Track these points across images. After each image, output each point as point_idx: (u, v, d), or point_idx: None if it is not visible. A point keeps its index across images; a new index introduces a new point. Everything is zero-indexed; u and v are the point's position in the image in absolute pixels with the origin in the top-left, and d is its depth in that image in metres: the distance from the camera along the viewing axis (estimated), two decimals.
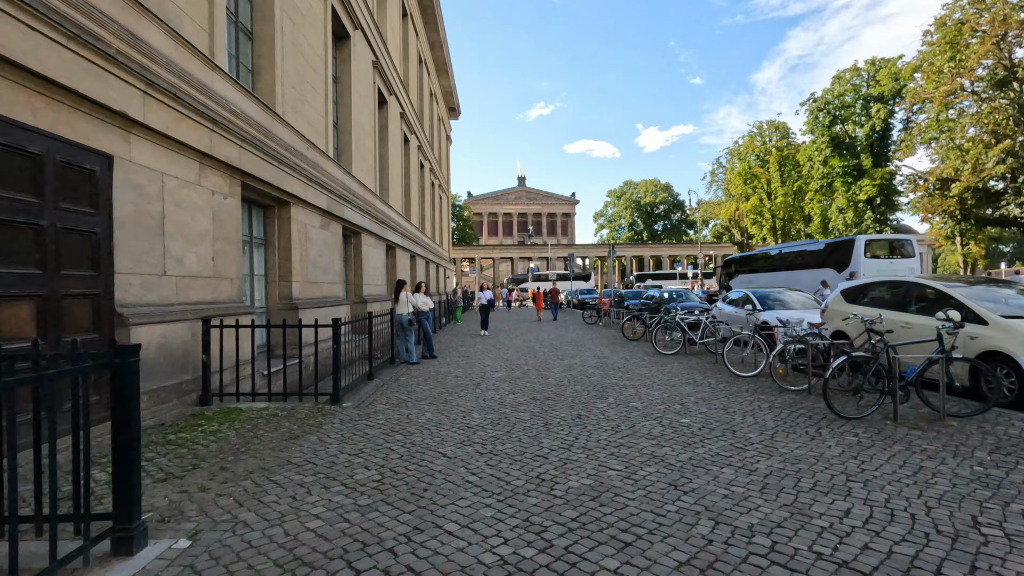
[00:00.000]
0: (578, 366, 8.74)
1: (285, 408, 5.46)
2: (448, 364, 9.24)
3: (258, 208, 8.05)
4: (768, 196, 45.61)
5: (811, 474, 3.51)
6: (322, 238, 9.81)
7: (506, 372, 8.21)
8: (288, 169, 8.03)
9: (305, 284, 8.87)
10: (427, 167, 26.43)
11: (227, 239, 6.40)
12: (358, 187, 12.44)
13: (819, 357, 6.19)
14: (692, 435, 4.45)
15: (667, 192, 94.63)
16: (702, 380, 7.24)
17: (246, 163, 6.72)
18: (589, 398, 6.12)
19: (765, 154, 45.66)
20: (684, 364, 8.84)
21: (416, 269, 21.23)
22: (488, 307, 16.35)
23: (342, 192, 10.74)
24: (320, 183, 9.43)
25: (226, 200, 6.39)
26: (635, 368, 8.47)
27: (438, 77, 31.96)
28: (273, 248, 8.27)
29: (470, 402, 5.95)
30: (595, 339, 13.33)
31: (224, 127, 6.13)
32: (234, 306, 6.44)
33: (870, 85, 34.76)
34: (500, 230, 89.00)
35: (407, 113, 20.02)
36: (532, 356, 10.14)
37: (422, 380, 7.54)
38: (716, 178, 52.58)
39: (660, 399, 6.01)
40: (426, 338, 10.30)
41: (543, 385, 7.03)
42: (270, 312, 8.25)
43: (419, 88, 24.48)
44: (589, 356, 10.04)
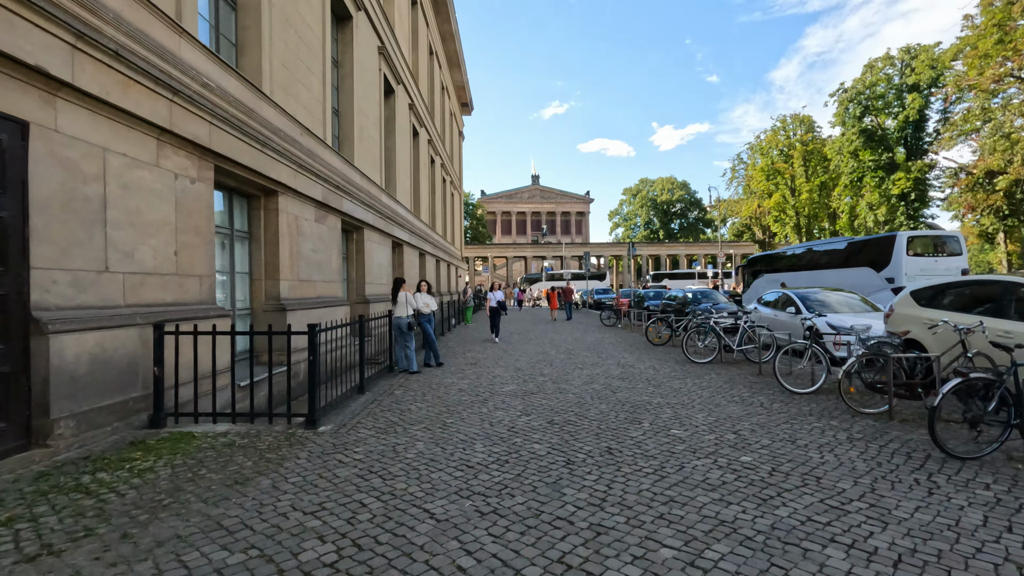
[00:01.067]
0: (601, 377, 7.72)
1: (250, 433, 4.51)
2: (453, 373, 8.32)
3: (240, 197, 7.16)
4: (792, 192, 43.89)
5: (962, 565, 2.45)
6: (317, 232, 8.90)
7: (518, 385, 7.25)
8: (274, 154, 7.12)
9: (296, 283, 7.97)
10: (438, 162, 25.54)
11: (195, 230, 5.49)
12: (360, 179, 11.54)
13: (901, 374, 5.07)
14: (763, 483, 3.39)
15: (684, 190, 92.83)
16: (750, 397, 6.16)
17: (220, 144, 5.81)
18: (619, 422, 5.09)
19: (789, 149, 43.95)
20: (723, 376, 7.76)
21: (426, 267, 20.33)
22: (499, 310, 14.07)
23: (341, 183, 9.83)
24: (314, 172, 8.52)
25: (194, 185, 5.49)
26: (666, 380, 7.42)
27: (450, 71, 31.06)
28: (258, 242, 7.37)
29: (473, 427, 5.00)
30: (616, 343, 12.26)
31: (189, 99, 5.22)
32: (204, 308, 5.53)
33: (904, 74, 32.96)
34: (514, 229, 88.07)
35: (416, 105, 19.11)
36: (548, 364, 9.14)
37: (420, 394, 6.65)
38: (736, 174, 50.94)
39: (706, 424, 4.95)
40: (429, 344, 9.35)
41: (562, 403, 6.03)
42: (255, 315, 7.36)
43: (429, 80, 23.58)
44: (612, 364, 9.01)
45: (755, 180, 45.33)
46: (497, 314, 14.01)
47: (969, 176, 25.08)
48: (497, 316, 13.99)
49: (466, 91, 36.06)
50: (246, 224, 7.32)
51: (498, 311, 14.02)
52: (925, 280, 18.07)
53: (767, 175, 43.95)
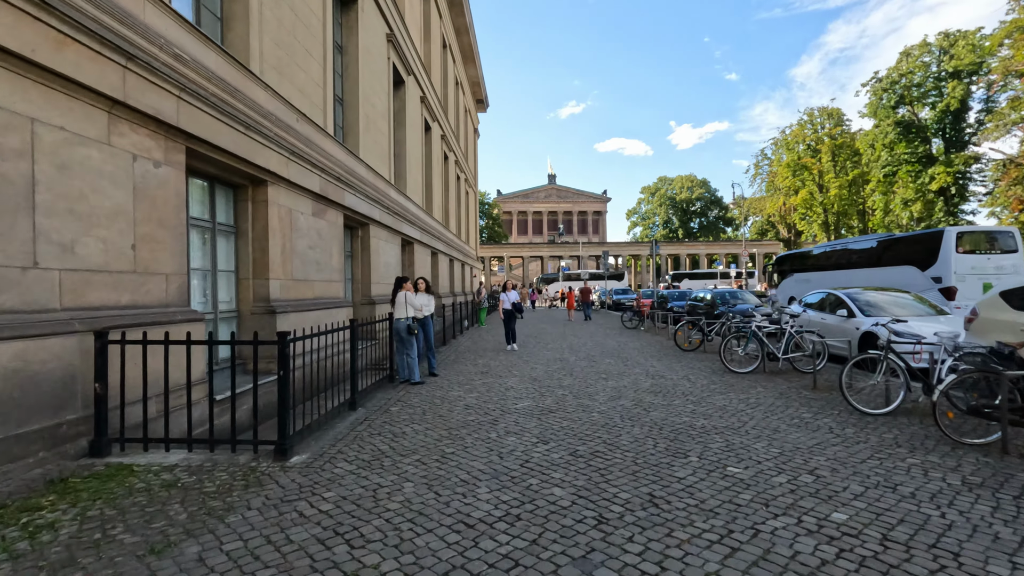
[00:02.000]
0: (629, 390, 6.79)
1: (203, 467, 3.68)
2: (460, 385, 7.45)
3: (224, 187, 6.40)
4: (820, 189, 42.16)
5: None
6: (315, 228, 8.13)
7: (534, 400, 6.37)
8: (262, 139, 6.35)
9: (289, 282, 7.20)
10: (452, 159, 24.79)
11: (160, 221, 4.72)
12: (366, 172, 10.77)
13: (1017, 396, 4.05)
14: (880, 565, 2.43)
15: (704, 188, 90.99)
16: (813, 420, 5.15)
17: (193, 123, 5.04)
18: (659, 454, 4.16)
19: (817, 143, 42.22)
20: (771, 389, 6.74)
21: (439, 267, 19.57)
22: (514, 312, 12.15)
23: (342, 175, 9.05)
24: (311, 161, 7.74)
25: (159, 169, 4.72)
26: (706, 395, 6.44)
27: (464, 66, 30.30)
28: (245, 238, 6.61)
29: (478, 459, 4.11)
30: (641, 348, 11.27)
31: (150, 68, 4.45)
32: (171, 312, 4.76)
33: (942, 61, 31.13)
34: (530, 229, 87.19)
35: (428, 98, 18.35)
36: (567, 373, 8.22)
37: (420, 412, 5.77)
38: (760, 171, 49.25)
39: (770, 459, 3.98)
40: (430, 348, 8.48)
41: (586, 425, 5.12)
42: (241, 318, 6.60)
43: (443, 74, 22.83)
44: (640, 373, 8.05)
45: (780, 176, 43.68)
46: (512, 318, 12.12)
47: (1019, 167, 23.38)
48: (512, 320, 12.10)
49: (481, 87, 35.29)
50: (231, 217, 6.57)
51: (513, 314, 12.11)
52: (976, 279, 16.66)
53: (793, 171, 42.28)
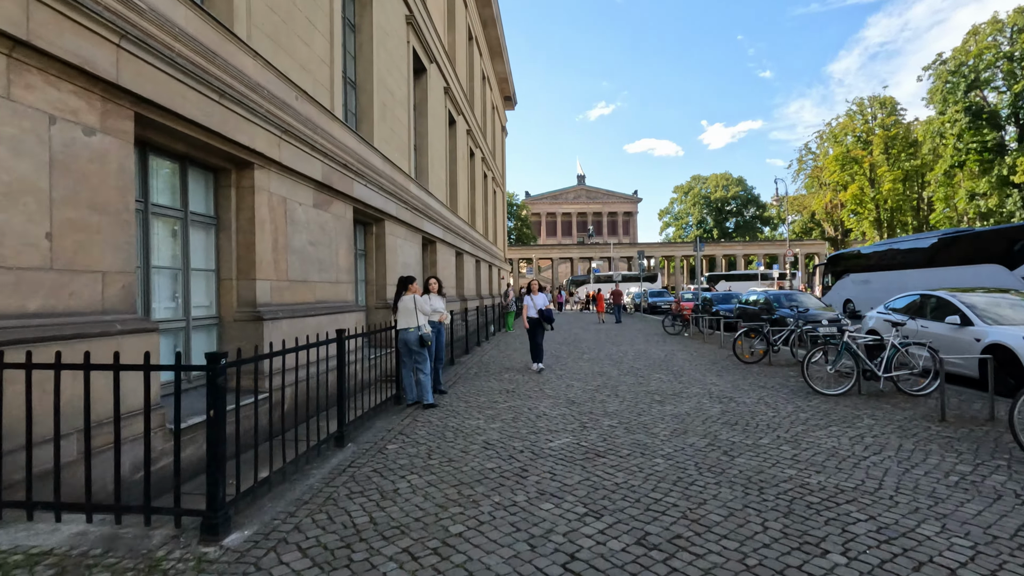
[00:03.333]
0: (695, 420, 5.38)
1: (92, 552, 2.53)
2: (479, 408, 6.15)
3: (199, 169, 5.38)
4: (871, 183, 39.31)
5: None
6: (317, 221, 7.09)
7: (574, 434, 5.01)
8: (245, 112, 5.31)
9: (282, 284, 6.15)
10: (478, 156, 23.75)
11: (94, 205, 3.68)
12: (381, 163, 9.73)
13: None
14: None
15: (740, 186, 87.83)
16: (980, 479, 3.61)
17: (144, 83, 4.00)
18: (778, 548, 2.69)
19: (868, 134, 39.42)
20: (885, 422, 5.15)
21: (464, 268, 18.49)
22: (541, 322, 9.14)
23: (351, 163, 8.01)
24: (311, 144, 6.70)
25: (92, 138, 3.68)
26: (802, 430, 4.91)
27: (491, 60, 29.28)
28: (228, 231, 5.58)
29: (497, 553, 2.68)
30: (691, 359, 9.81)
31: (68, 1, 3.42)
32: (108, 321, 3.70)
33: (1016, 40, 28.22)
34: (559, 230, 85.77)
35: (452, 89, 17.31)
36: (612, 393, 6.86)
37: (425, 453, 4.46)
38: (804, 166, 46.50)
39: (960, 560, 2.54)
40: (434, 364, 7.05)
41: (651, 482, 3.69)
42: (223, 326, 5.57)
43: (468, 67, 21.81)
44: (700, 394, 6.66)
45: (827, 170, 40.98)
46: (539, 329, 9.09)
47: None
48: (539, 333, 9.08)
49: (509, 84, 34.22)
50: (211, 206, 5.54)
51: (540, 325, 9.06)
52: None
53: (841, 164, 39.56)
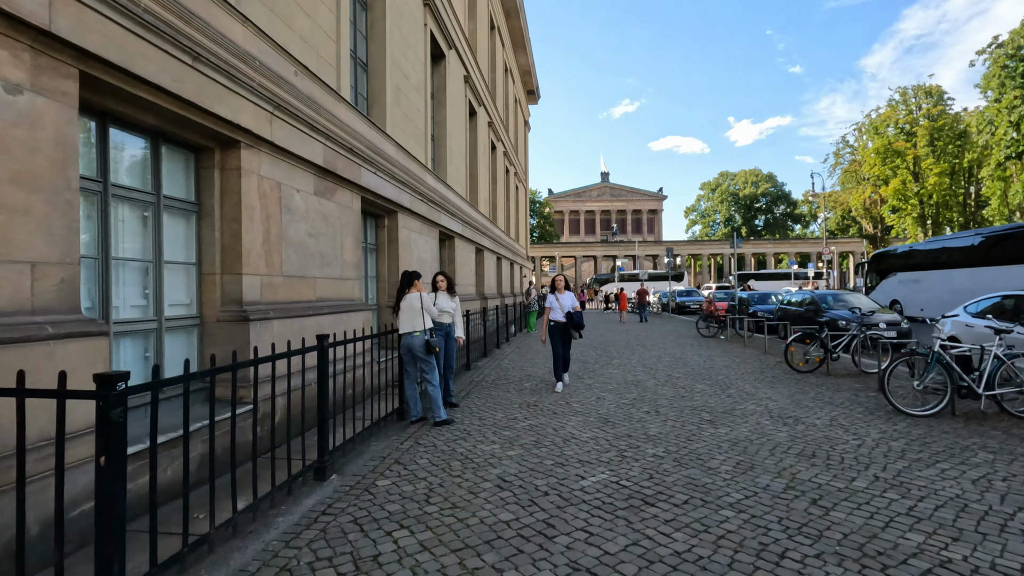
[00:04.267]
0: (760, 449, 4.40)
1: None
2: (495, 429, 5.20)
3: (176, 148, 4.70)
4: (915, 177, 37.10)
5: None
6: (318, 210, 6.39)
7: (611, 468, 4.04)
8: (227, 81, 4.61)
9: (276, 280, 5.45)
10: (500, 150, 22.98)
11: (18, 180, 2.99)
12: (394, 151, 9.01)
13: None
14: None
15: (770, 182, 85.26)
16: None
17: (86, 34, 3.30)
18: None
19: (912, 125, 37.21)
20: (1014, 456, 4.12)
21: (484, 265, 17.74)
22: (568, 328, 7.36)
23: (358, 147, 7.29)
24: (310, 123, 5.99)
25: (17, 98, 3.00)
26: (902, 467, 3.91)
27: (514, 52, 28.46)
28: (210, 218, 4.90)
29: None
30: (734, 366, 8.81)
31: None
32: (39, 323, 3.02)
33: None
34: (582, 228, 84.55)
35: (473, 78, 16.55)
36: (651, 409, 5.92)
37: (423, 494, 3.58)
38: (841, 160, 44.31)
39: None
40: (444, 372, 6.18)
41: (724, 549, 2.74)
42: (204, 327, 4.89)
43: (490, 57, 21.05)
44: (758, 412, 5.66)
45: (867, 164, 38.86)
46: (565, 336, 7.32)
47: None
48: (565, 340, 7.33)
49: (532, 77, 33.34)
50: (192, 190, 4.87)
51: (566, 330, 7.29)
52: None
53: (883, 157, 37.44)
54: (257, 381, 3.43)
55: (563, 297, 7.37)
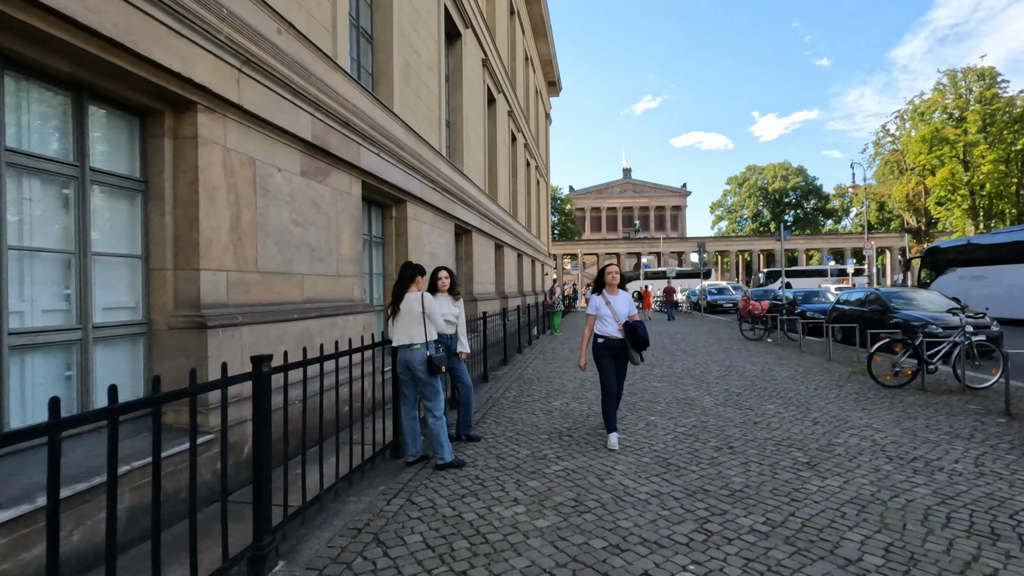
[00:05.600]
0: (910, 524, 2.97)
1: None
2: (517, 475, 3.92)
3: (115, 110, 3.71)
4: (965, 167, 34.63)
5: None
6: (306, 195, 5.38)
7: (695, 561, 2.65)
8: (172, 21, 3.60)
9: (248, 276, 4.44)
10: (521, 141, 21.87)
11: None
12: (402, 133, 7.99)
13: None
14: None
15: (800, 176, 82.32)
16: None
17: None
18: None
19: (961, 110, 34.76)
20: None
21: (504, 263, 16.67)
22: (628, 349, 4.75)
23: (356, 123, 6.28)
24: (292, 87, 4.98)
25: None
26: None
27: (535, 40, 27.32)
28: (159, 199, 3.91)
29: None
30: (800, 378, 7.47)
31: None
32: None
33: None
34: (604, 225, 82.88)
35: (492, 63, 15.48)
36: (722, 444, 4.56)
37: None
38: (881, 149, 41.87)
39: None
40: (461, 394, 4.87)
41: None
42: (153, 335, 3.90)
43: (510, 43, 19.94)
44: (871, 451, 4.28)
45: (912, 152, 36.50)
46: (623, 361, 4.82)
47: None
48: (622, 366, 4.83)
49: (554, 68, 32.11)
50: (136, 164, 3.88)
51: (625, 352, 4.77)
52: None
53: (929, 145, 35.06)
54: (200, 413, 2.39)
55: (617, 299, 4.76)
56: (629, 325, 4.67)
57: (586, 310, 4.38)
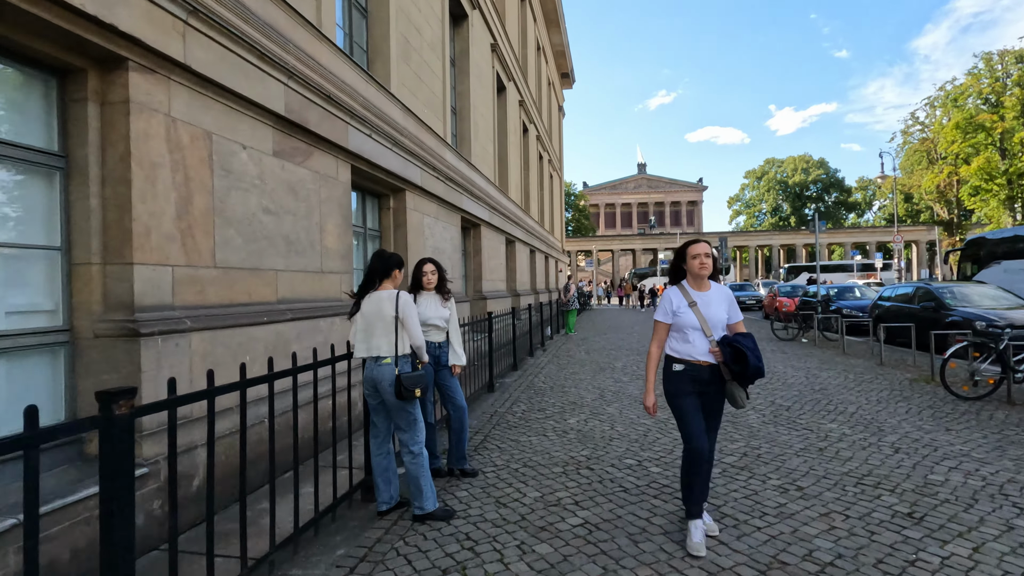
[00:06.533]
0: None
1: None
2: (519, 543, 2.86)
3: (26, 71, 2.99)
4: (1002, 154, 32.82)
5: None
6: (281, 178, 4.64)
7: None
8: None
9: (201, 273, 3.71)
10: (532, 133, 21.03)
11: None
12: (401, 115, 7.25)
13: None
14: None
15: (822, 168, 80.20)
16: None
17: None
18: None
19: (998, 95, 32.94)
20: None
21: (516, 259, 15.88)
22: (729, 382, 2.84)
23: (341, 99, 5.53)
24: (260, 50, 4.24)
25: None
26: None
27: (547, 29, 26.43)
28: (83, 177, 3.18)
29: None
30: (855, 388, 6.47)
31: None
32: None
33: None
34: (618, 222, 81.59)
35: (502, 48, 14.67)
36: (788, 483, 3.54)
37: None
38: (910, 138, 40.04)
39: None
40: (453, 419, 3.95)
41: None
42: (76, 345, 3.18)
43: (521, 29, 19.09)
44: (990, 496, 3.27)
45: (944, 140, 34.71)
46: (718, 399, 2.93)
47: None
48: (717, 408, 2.95)
49: (567, 59, 31.16)
50: (53, 134, 3.16)
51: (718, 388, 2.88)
52: None
53: (963, 132, 33.29)
54: None
55: (708, 298, 2.94)
56: (730, 342, 2.78)
57: (654, 314, 2.97)
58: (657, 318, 2.97)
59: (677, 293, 2.95)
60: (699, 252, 2.90)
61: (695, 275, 2.93)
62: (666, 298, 2.97)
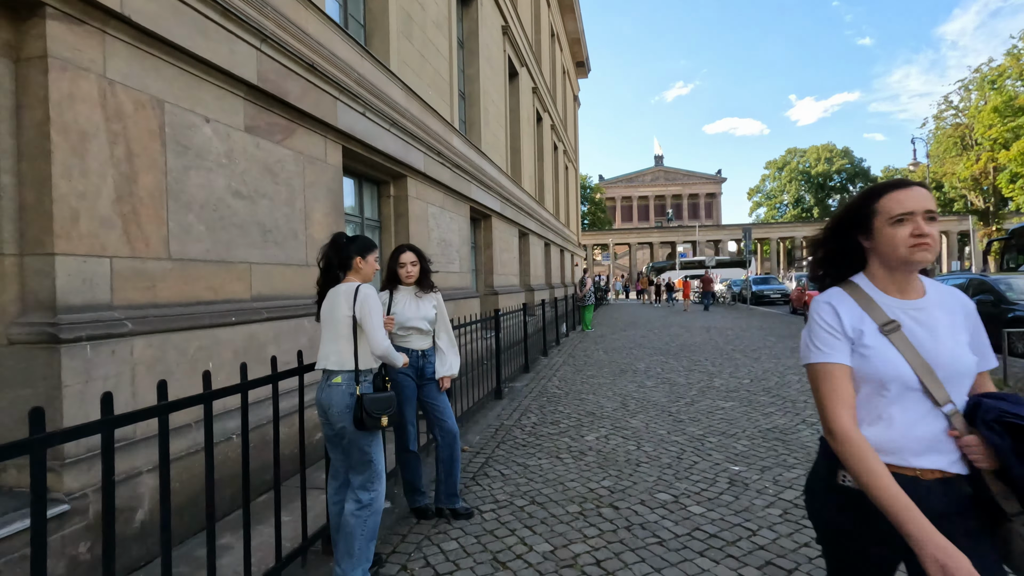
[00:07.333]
0: None
1: None
2: None
3: None
4: None
5: None
6: (255, 157, 4.04)
7: None
8: None
9: (150, 266, 3.13)
10: (547, 122, 20.29)
11: None
12: (403, 96, 6.63)
13: None
14: None
15: (846, 158, 77.83)
16: None
17: None
18: None
19: None
20: None
21: (530, 252, 15.21)
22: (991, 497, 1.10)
23: (327, 69, 4.92)
24: (228, 8, 3.63)
25: None
26: None
27: (562, 15, 25.58)
28: None
29: None
30: None
31: None
32: None
33: None
34: (635, 215, 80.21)
35: (514, 31, 13.95)
36: None
37: None
38: (943, 123, 38.21)
39: None
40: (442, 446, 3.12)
41: None
42: None
43: (534, 13, 18.34)
44: None
45: (981, 125, 32.99)
46: None
47: None
48: None
49: (582, 47, 30.25)
50: None
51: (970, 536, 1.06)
52: None
53: (1002, 115, 31.57)
54: None
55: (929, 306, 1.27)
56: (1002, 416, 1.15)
57: (806, 352, 1.31)
58: (815, 360, 1.28)
59: (849, 302, 1.30)
60: (914, 207, 1.23)
61: (902, 260, 1.26)
62: (824, 312, 1.31)
